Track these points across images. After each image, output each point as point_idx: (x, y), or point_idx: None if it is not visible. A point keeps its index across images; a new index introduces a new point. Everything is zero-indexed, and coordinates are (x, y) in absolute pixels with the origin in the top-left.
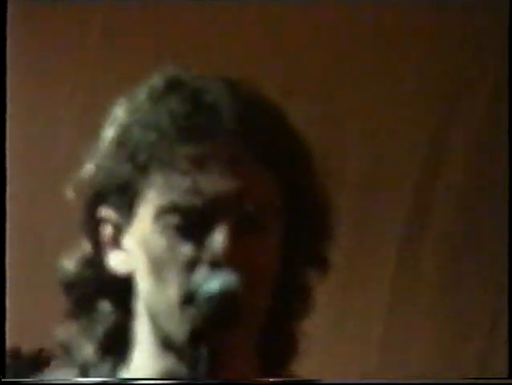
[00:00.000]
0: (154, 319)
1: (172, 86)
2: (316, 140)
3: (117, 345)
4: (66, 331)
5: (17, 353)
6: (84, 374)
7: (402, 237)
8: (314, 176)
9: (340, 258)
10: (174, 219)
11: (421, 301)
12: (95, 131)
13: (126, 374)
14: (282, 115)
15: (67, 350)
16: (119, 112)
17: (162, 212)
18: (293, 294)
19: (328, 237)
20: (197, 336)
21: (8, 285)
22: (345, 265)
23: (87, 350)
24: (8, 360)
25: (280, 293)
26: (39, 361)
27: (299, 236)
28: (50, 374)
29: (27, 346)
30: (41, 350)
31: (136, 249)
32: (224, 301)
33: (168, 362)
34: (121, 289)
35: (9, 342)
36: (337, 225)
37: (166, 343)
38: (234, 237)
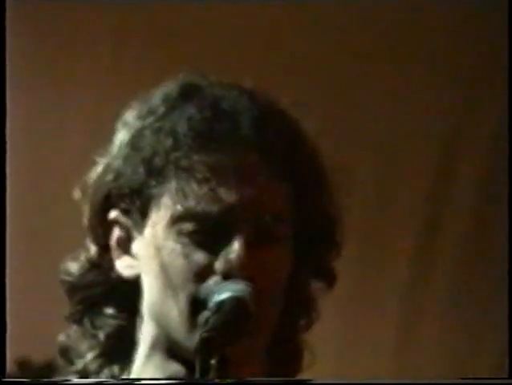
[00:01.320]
0: (161, 326)
1: (189, 92)
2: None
3: (119, 350)
4: (67, 335)
5: (26, 362)
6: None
7: (413, 247)
8: (325, 187)
9: (350, 271)
10: (189, 226)
11: (431, 312)
12: (102, 132)
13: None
14: (298, 126)
15: (67, 355)
16: (131, 116)
17: (177, 219)
18: (300, 304)
19: (336, 249)
20: (207, 345)
21: (9, 287)
22: (354, 278)
23: (88, 356)
24: (17, 370)
25: (287, 303)
26: (49, 369)
27: (308, 247)
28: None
29: (29, 351)
30: (51, 360)
31: (146, 254)
32: (235, 311)
33: (171, 371)
34: (126, 293)
35: (10, 345)
36: (346, 238)
37: (173, 351)
38: (250, 248)
